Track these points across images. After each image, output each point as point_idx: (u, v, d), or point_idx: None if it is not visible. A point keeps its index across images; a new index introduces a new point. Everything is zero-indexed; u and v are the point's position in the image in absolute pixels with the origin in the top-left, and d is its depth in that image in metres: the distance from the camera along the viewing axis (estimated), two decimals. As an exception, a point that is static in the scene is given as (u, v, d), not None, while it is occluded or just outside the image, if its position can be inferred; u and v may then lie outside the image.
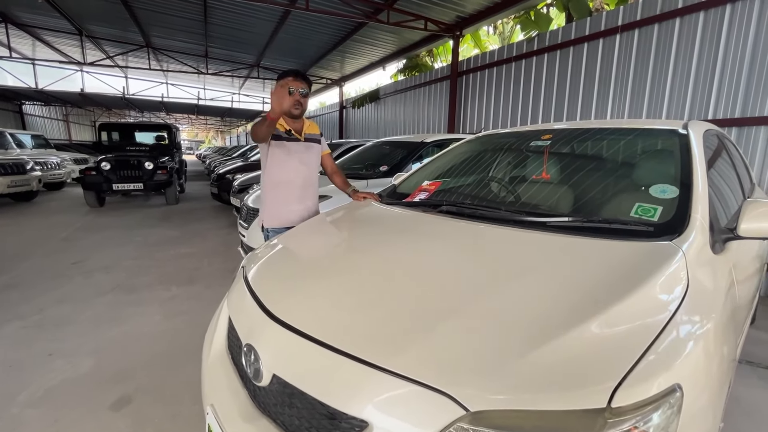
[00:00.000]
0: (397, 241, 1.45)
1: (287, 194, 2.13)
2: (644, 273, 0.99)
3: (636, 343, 0.79)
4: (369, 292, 1.08)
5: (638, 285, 0.94)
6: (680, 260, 1.04)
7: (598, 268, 1.06)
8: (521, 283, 1.02)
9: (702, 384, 0.81)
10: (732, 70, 3.57)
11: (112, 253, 4.53)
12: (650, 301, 0.91)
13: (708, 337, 0.91)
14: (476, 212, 1.56)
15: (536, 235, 1.30)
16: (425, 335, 0.86)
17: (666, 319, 0.85)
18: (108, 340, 2.50)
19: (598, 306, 0.88)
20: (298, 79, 2.03)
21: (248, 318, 1.15)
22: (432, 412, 0.73)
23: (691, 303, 0.93)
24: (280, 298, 1.15)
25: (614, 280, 0.98)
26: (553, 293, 0.96)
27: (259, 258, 1.51)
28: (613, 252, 1.13)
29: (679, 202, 1.30)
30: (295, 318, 1.02)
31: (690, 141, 1.58)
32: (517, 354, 0.78)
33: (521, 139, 2.17)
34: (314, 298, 1.10)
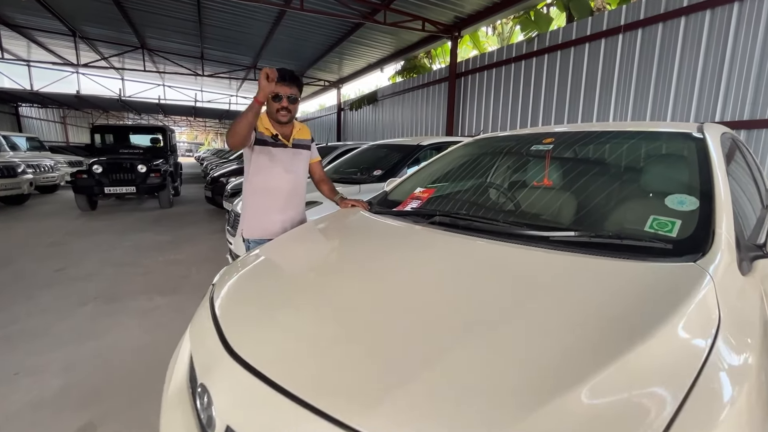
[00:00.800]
0: (383, 261, 1.29)
1: (270, 203, 1.97)
2: (668, 305, 0.83)
3: (666, 399, 0.64)
4: (347, 326, 0.92)
5: (662, 322, 0.78)
6: (708, 286, 0.89)
7: (612, 299, 0.90)
8: (523, 320, 0.85)
9: None
10: (740, 71, 3.43)
11: (99, 260, 4.37)
12: (679, 343, 0.76)
13: (750, 381, 0.76)
14: (472, 224, 1.42)
15: (539, 253, 1.15)
16: (410, 386, 0.71)
17: (699, 365, 0.70)
18: (81, 356, 2.35)
19: (616, 352, 0.72)
20: (287, 83, 1.86)
21: (206, 351, 1.00)
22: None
23: (726, 341, 0.78)
24: (244, 329, 0.99)
25: (633, 315, 0.83)
26: (560, 334, 0.80)
27: (231, 275, 1.36)
28: (629, 276, 0.98)
29: (700, 215, 1.16)
30: (258, 356, 0.87)
31: (708, 145, 1.43)
32: (521, 415, 0.63)
33: (521, 143, 2.02)
34: (283, 332, 0.94)
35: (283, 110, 1.89)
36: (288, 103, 1.89)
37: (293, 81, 1.88)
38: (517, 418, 0.62)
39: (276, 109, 1.88)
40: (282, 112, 1.89)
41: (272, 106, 1.90)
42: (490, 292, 0.99)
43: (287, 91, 1.87)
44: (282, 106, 1.88)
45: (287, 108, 1.89)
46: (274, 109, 1.89)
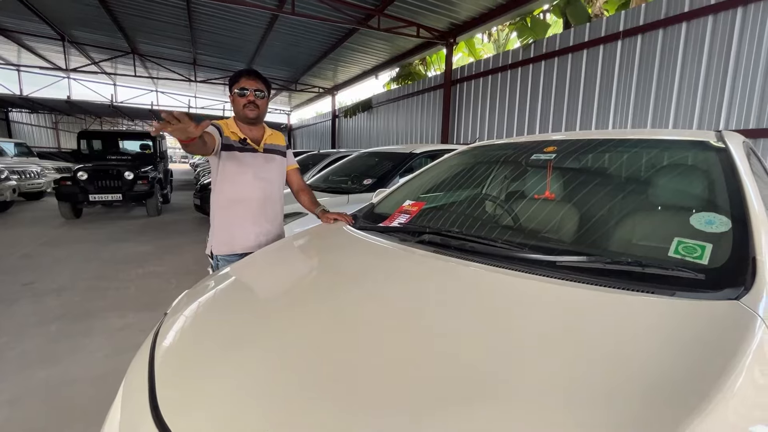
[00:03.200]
0: (362, 291, 1.08)
1: (240, 215, 1.78)
2: (719, 362, 0.64)
3: None
4: (312, 382, 0.71)
5: (716, 387, 0.59)
6: (760, 332, 0.70)
7: (645, 352, 0.70)
8: (528, 386, 0.66)
9: None
10: (745, 78, 3.31)
11: (73, 272, 4.13)
12: (737, 414, 0.57)
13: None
14: (465, 245, 1.23)
15: (545, 285, 0.96)
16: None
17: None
18: (33, 386, 2.11)
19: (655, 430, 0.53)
20: (251, 78, 1.71)
21: (133, 410, 0.79)
22: None
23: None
24: (181, 384, 0.79)
25: (675, 375, 0.63)
26: (577, 398, 0.61)
27: (186, 305, 1.16)
28: (659, 319, 0.79)
29: (735, 238, 0.98)
30: (187, 427, 0.66)
31: (732, 156, 1.26)
32: None
33: (521, 152, 1.84)
34: (230, 391, 0.72)
35: (250, 104, 1.72)
36: (254, 96, 1.71)
37: (258, 77, 1.73)
38: None
39: (242, 104, 1.71)
40: (249, 107, 1.72)
41: (238, 103, 1.72)
42: (486, 342, 0.79)
43: (253, 84, 1.71)
44: (248, 100, 1.71)
45: (254, 102, 1.72)
46: (240, 105, 1.72)
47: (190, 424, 0.67)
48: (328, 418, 0.62)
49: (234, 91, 1.71)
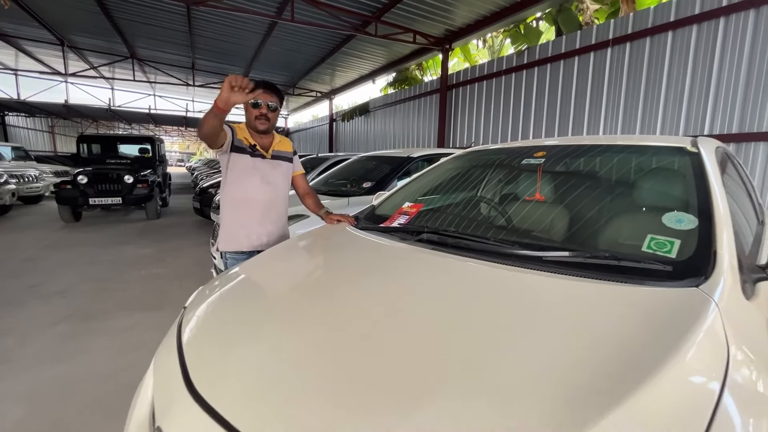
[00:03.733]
0: (366, 284, 1.20)
1: (245, 215, 1.88)
2: (674, 338, 0.75)
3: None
4: (322, 364, 0.82)
5: (669, 358, 0.70)
6: (714, 314, 0.82)
7: (614, 331, 0.82)
8: (516, 357, 0.77)
9: None
10: (728, 84, 3.46)
11: (77, 274, 4.21)
12: (688, 380, 0.68)
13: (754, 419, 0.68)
14: (461, 243, 1.34)
15: (532, 277, 1.07)
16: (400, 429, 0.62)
17: (711, 408, 0.63)
18: (48, 382, 2.20)
19: (619, 395, 0.64)
20: (267, 91, 1.81)
21: (167, 388, 0.90)
22: None
23: (739, 377, 0.71)
24: (210, 363, 0.90)
25: (637, 351, 0.74)
26: (556, 371, 0.72)
27: (204, 299, 1.26)
28: (630, 304, 0.90)
29: (700, 234, 1.10)
30: (225, 398, 0.77)
31: (703, 161, 1.38)
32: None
33: (513, 157, 1.97)
34: (253, 370, 0.84)
35: (262, 117, 1.82)
36: (267, 110, 1.82)
37: (273, 90, 1.84)
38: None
39: (254, 116, 1.82)
40: (260, 120, 1.82)
41: (251, 114, 1.83)
42: (479, 324, 0.90)
43: (267, 98, 1.81)
44: (261, 113, 1.81)
45: (266, 115, 1.83)
46: (252, 116, 1.83)
47: (222, 394, 0.77)
48: (337, 389, 0.73)
49: (248, 102, 1.80)
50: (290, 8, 5.99)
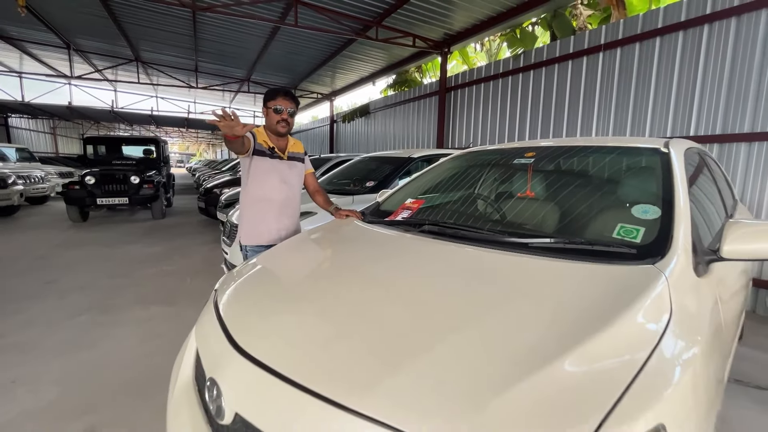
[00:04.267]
0: (376, 265, 1.39)
1: (265, 212, 2.07)
2: (626, 301, 0.94)
3: (617, 380, 0.74)
4: (343, 323, 1.01)
5: (619, 315, 0.89)
6: (663, 285, 1.01)
7: (579, 296, 1.01)
8: (499, 315, 0.96)
9: (687, 420, 0.77)
10: (712, 88, 3.65)
11: (90, 271, 4.38)
12: (632, 332, 0.87)
13: (694, 368, 0.87)
14: (458, 233, 1.53)
15: (517, 258, 1.26)
16: (398, 372, 0.80)
17: (648, 352, 0.81)
18: (77, 366, 2.38)
19: (577, 340, 0.83)
20: (288, 98, 2.04)
21: (213, 349, 1.08)
22: (399, 459, 0.67)
23: (676, 332, 0.89)
24: (248, 327, 1.08)
25: (595, 310, 0.94)
26: (531, 326, 0.91)
27: (233, 281, 1.45)
28: (595, 277, 1.09)
29: (662, 223, 1.28)
30: (262, 351, 0.95)
31: (671, 160, 1.56)
32: (491, 394, 0.72)
33: (505, 157, 2.15)
34: (285, 329, 1.04)
35: (283, 122, 2.03)
36: (287, 115, 2.03)
37: (293, 98, 2.06)
38: (490, 393, 0.72)
39: (276, 120, 2.02)
40: (281, 124, 2.02)
41: (272, 118, 2.02)
42: (471, 293, 1.09)
43: (288, 105, 2.02)
44: (282, 118, 2.02)
45: (286, 120, 2.03)
46: (274, 120, 2.02)
47: (261, 347, 0.96)
48: (351, 342, 0.92)
49: (270, 107, 2.01)
50: (294, 14, 6.18)
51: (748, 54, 3.41)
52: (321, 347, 0.93)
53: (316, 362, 0.88)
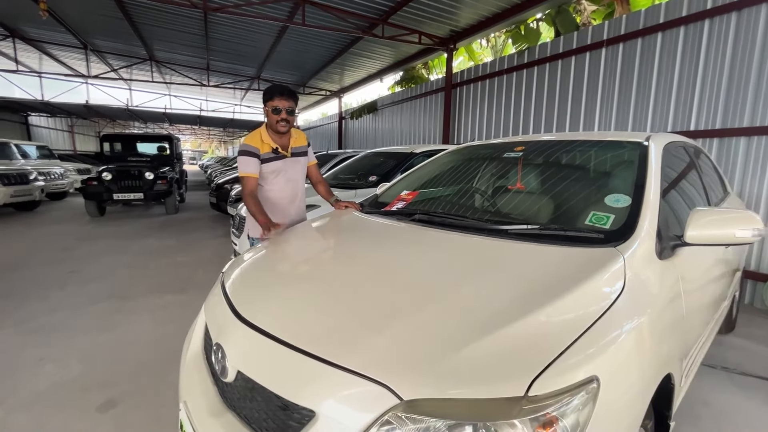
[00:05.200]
0: (367, 249, 1.52)
1: (273, 209, 2.20)
2: (584, 275, 1.06)
3: (563, 337, 0.86)
4: (332, 296, 1.15)
5: (575, 285, 1.01)
6: (620, 264, 1.11)
7: (544, 272, 1.13)
8: (471, 287, 1.09)
9: (622, 377, 0.88)
10: (712, 83, 3.67)
11: (109, 262, 4.61)
12: (585, 299, 0.99)
13: (639, 334, 0.98)
14: (445, 221, 1.65)
15: (497, 242, 1.37)
16: (374, 334, 0.93)
17: (596, 317, 0.93)
18: (98, 347, 2.57)
19: (536, 306, 0.95)
20: (285, 97, 2.09)
21: (219, 319, 1.22)
22: (371, 401, 0.80)
23: (626, 304, 1.01)
24: (249, 301, 1.22)
25: (556, 282, 1.06)
26: (498, 295, 1.03)
27: (238, 265, 1.59)
28: (562, 258, 1.21)
29: (631, 211, 1.38)
30: (260, 319, 1.09)
31: (649, 153, 1.65)
32: (453, 350, 0.85)
33: (496, 151, 2.26)
34: (281, 301, 1.18)
35: (282, 121, 2.11)
36: (286, 114, 2.12)
37: (290, 95, 2.12)
38: (452, 349, 0.85)
39: (276, 120, 2.11)
40: (281, 123, 2.11)
41: (272, 119, 2.12)
42: (450, 270, 1.22)
43: (285, 104, 2.10)
44: (281, 117, 2.10)
45: (286, 119, 2.12)
46: (274, 120, 2.12)
47: (260, 317, 1.10)
48: (339, 309, 1.05)
49: (268, 107, 2.11)
50: (301, 13, 6.31)
51: (747, 49, 3.43)
52: (312, 315, 1.07)
53: (307, 327, 1.02)
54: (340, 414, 0.82)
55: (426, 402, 0.78)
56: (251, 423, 0.99)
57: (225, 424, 1.02)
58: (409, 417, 0.78)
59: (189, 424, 1.11)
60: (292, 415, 0.89)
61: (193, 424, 1.09)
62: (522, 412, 0.75)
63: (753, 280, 3.53)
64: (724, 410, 1.97)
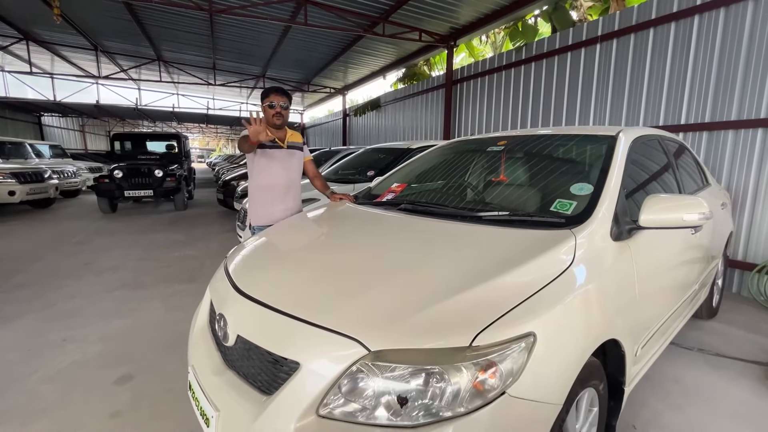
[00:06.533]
0: (354, 234, 1.69)
1: (271, 196, 2.39)
2: (537, 252, 1.21)
3: (509, 300, 1.02)
4: (317, 272, 1.32)
5: (528, 259, 1.17)
6: (570, 242, 1.27)
7: (506, 249, 1.29)
8: (441, 261, 1.25)
9: (554, 335, 1.03)
10: (701, 78, 3.76)
11: (121, 255, 4.84)
12: (535, 271, 1.14)
13: (581, 301, 1.14)
14: (428, 209, 1.80)
15: (470, 227, 1.53)
16: (348, 299, 1.10)
17: (541, 285, 1.08)
18: (114, 330, 2.78)
19: (490, 275, 1.11)
20: (278, 94, 2.34)
21: (222, 294, 1.40)
22: (345, 352, 0.97)
23: (571, 277, 1.16)
24: (247, 277, 1.39)
25: (513, 257, 1.21)
26: (461, 268, 1.19)
27: (240, 250, 1.77)
28: (524, 238, 1.36)
29: (591, 198, 1.52)
30: (256, 291, 1.27)
31: (616, 145, 1.79)
32: (414, 311, 1.01)
33: (480, 145, 2.40)
34: (274, 277, 1.35)
35: (277, 115, 2.34)
36: (280, 109, 2.34)
37: (283, 93, 2.36)
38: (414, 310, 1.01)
39: (272, 114, 2.34)
40: (276, 117, 2.34)
41: (268, 113, 2.34)
42: (426, 249, 1.39)
43: (279, 100, 2.33)
44: (276, 111, 2.33)
45: (279, 113, 2.34)
46: (270, 115, 2.34)
47: (257, 290, 1.27)
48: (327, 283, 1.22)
49: (265, 104, 2.32)
50: (303, 13, 6.47)
51: (735, 44, 3.51)
52: (299, 287, 1.24)
53: (294, 296, 1.19)
54: (320, 364, 0.99)
55: (389, 352, 0.94)
56: (248, 378, 1.16)
57: (226, 381, 1.20)
58: (376, 365, 0.94)
59: (196, 382, 1.29)
60: (281, 368, 1.06)
61: (199, 382, 1.27)
62: (466, 358, 0.91)
63: (740, 270, 3.63)
64: (692, 386, 2.11)
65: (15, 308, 3.14)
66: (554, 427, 1.02)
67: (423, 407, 0.91)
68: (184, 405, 1.91)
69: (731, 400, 2.00)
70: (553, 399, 0.99)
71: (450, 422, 0.88)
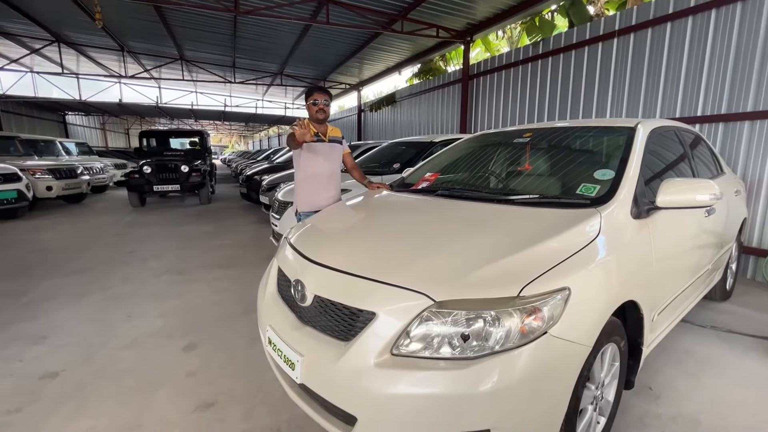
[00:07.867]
0: (400, 213, 1.93)
1: (316, 185, 2.64)
2: (569, 226, 1.43)
3: (548, 262, 1.24)
4: (377, 242, 1.56)
5: (562, 231, 1.38)
6: (596, 218, 1.48)
7: (540, 224, 1.50)
8: (487, 233, 1.48)
9: (584, 289, 1.24)
10: (718, 70, 3.87)
11: (159, 245, 5.17)
12: (568, 240, 1.35)
13: (605, 266, 1.35)
14: (463, 194, 2.02)
15: (505, 207, 1.75)
16: (413, 262, 1.33)
17: (574, 251, 1.30)
18: (170, 308, 3.07)
19: (531, 243, 1.33)
20: (321, 93, 2.61)
21: (295, 264, 1.64)
22: (414, 303, 1.20)
23: (599, 245, 1.37)
24: (315, 249, 1.63)
25: (548, 229, 1.42)
26: (506, 237, 1.41)
27: (298, 229, 2.01)
28: (555, 216, 1.57)
29: (613, 182, 1.72)
30: (327, 259, 1.50)
31: (635, 136, 1.98)
32: (470, 269, 1.24)
33: (506, 137, 2.60)
34: (339, 248, 1.59)
35: (320, 111, 2.60)
36: (323, 105, 2.60)
37: (325, 92, 2.63)
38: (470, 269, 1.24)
39: (315, 110, 2.60)
40: (319, 113, 2.60)
41: (312, 110, 2.60)
42: (467, 224, 1.61)
43: (321, 98, 2.59)
44: (319, 107, 2.59)
45: (323, 109, 2.60)
46: (313, 111, 2.60)
47: (325, 257, 1.50)
48: (381, 252, 1.45)
49: (309, 102, 2.58)
50: (326, 12, 6.69)
51: (752, 36, 3.61)
52: (364, 254, 1.47)
53: (362, 261, 1.42)
54: (394, 313, 1.22)
55: (451, 302, 1.17)
56: (325, 330, 1.40)
57: (305, 333, 1.44)
58: (440, 312, 1.17)
59: (277, 337, 1.54)
60: (358, 318, 1.29)
61: (281, 336, 1.52)
62: (515, 305, 1.13)
63: (755, 256, 3.76)
64: (705, 357, 2.29)
65: (79, 289, 3.46)
66: (584, 368, 1.24)
67: (479, 345, 1.14)
68: (249, 368, 2.18)
69: (742, 369, 2.18)
70: (584, 341, 1.21)
71: (502, 354, 1.11)
